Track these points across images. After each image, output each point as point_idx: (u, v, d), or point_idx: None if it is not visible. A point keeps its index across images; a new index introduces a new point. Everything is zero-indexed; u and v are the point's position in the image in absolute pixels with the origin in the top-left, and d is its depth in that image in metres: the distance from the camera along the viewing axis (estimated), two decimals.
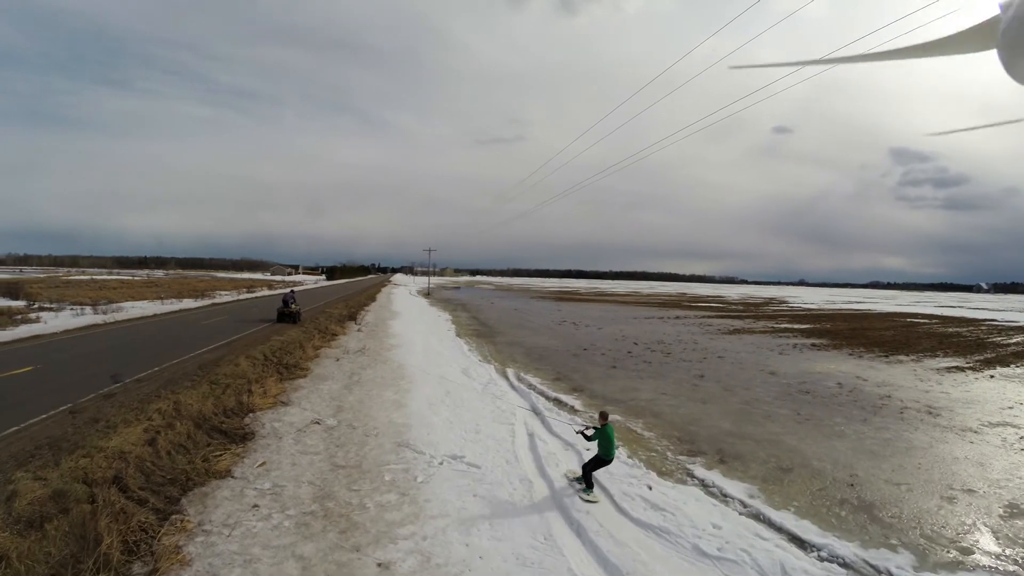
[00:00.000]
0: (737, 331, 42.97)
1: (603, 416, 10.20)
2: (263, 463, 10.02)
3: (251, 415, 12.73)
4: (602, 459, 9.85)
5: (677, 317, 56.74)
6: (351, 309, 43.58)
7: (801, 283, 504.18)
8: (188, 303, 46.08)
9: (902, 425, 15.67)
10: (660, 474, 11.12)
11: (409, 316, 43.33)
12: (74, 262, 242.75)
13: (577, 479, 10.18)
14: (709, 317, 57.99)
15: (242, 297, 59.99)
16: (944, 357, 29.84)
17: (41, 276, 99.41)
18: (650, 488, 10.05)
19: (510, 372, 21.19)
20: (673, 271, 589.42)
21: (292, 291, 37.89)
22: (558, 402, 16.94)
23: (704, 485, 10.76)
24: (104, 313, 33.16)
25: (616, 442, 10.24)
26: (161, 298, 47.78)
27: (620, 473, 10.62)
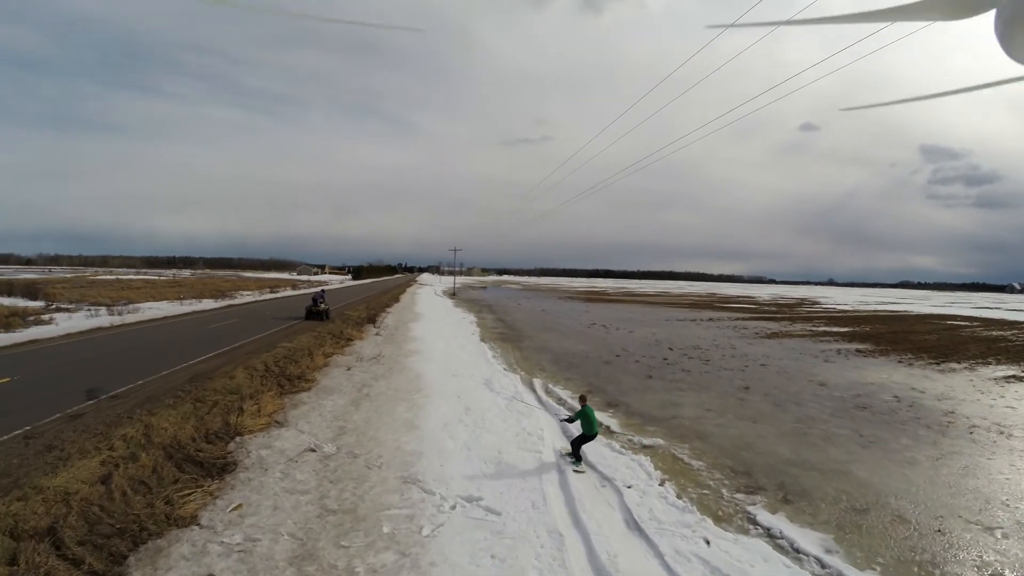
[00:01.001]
0: (775, 335, 40.57)
1: (582, 399, 12.34)
2: (238, 506, 8.30)
3: (238, 439, 11.04)
4: (587, 435, 11.24)
5: (710, 319, 54.26)
6: (371, 311, 42.18)
7: (830, 283, 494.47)
8: (207, 303, 45.28)
9: (975, 448, 13.77)
10: (716, 520, 9.14)
11: (432, 318, 41.70)
12: (104, 262, 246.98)
13: (568, 454, 11.50)
14: (743, 319, 55.44)
15: (264, 297, 59.06)
16: (998, 365, 27.56)
17: (68, 276, 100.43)
18: (708, 543, 8.12)
19: (537, 383, 19.28)
20: (701, 271, 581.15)
21: (322, 291, 41.11)
22: None
23: (771, 536, 8.76)
24: (119, 315, 32.29)
25: (596, 419, 11.61)
26: (180, 298, 47.01)
27: (670, 520, 8.70)
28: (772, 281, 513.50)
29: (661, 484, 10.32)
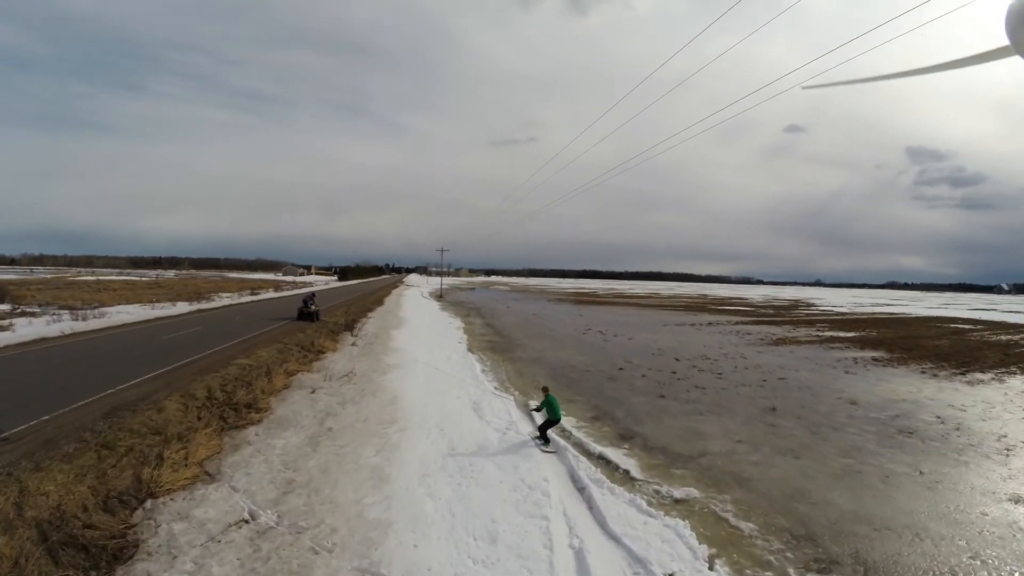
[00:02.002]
0: (781, 341, 38.39)
1: (545, 390, 13.93)
2: None
3: (148, 504, 8.29)
4: (551, 421, 12.76)
5: (709, 323, 51.86)
6: (351, 316, 39.47)
7: (817, 283, 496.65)
8: (181, 307, 42.41)
9: None
10: None
11: (416, 324, 39.03)
12: (88, 262, 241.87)
13: (537, 437, 12.80)
14: (744, 323, 53.18)
15: (242, 300, 56.02)
16: (1022, 374, 26.03)
17: (48, 277, 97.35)
18: None
19: (534, 406, 16.72)
20: (689, 271, 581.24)
21: (313, 293, 42.18)
22: (604, 462, 12.18)
23: None
24: (83, 319, 29.78)
25: (559, 406, 13.15)
26: (152, 302, 44.19)
27: None
28: (760, 282, 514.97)
29: (711, 567, 7.73)
